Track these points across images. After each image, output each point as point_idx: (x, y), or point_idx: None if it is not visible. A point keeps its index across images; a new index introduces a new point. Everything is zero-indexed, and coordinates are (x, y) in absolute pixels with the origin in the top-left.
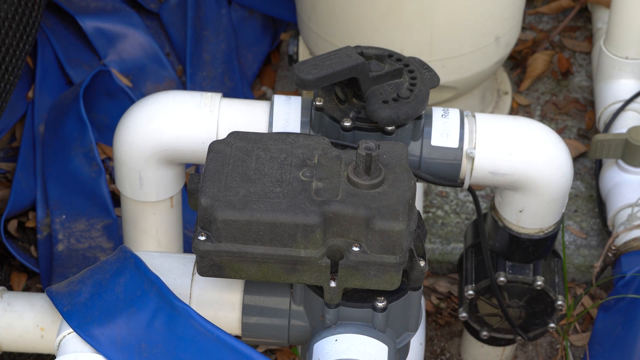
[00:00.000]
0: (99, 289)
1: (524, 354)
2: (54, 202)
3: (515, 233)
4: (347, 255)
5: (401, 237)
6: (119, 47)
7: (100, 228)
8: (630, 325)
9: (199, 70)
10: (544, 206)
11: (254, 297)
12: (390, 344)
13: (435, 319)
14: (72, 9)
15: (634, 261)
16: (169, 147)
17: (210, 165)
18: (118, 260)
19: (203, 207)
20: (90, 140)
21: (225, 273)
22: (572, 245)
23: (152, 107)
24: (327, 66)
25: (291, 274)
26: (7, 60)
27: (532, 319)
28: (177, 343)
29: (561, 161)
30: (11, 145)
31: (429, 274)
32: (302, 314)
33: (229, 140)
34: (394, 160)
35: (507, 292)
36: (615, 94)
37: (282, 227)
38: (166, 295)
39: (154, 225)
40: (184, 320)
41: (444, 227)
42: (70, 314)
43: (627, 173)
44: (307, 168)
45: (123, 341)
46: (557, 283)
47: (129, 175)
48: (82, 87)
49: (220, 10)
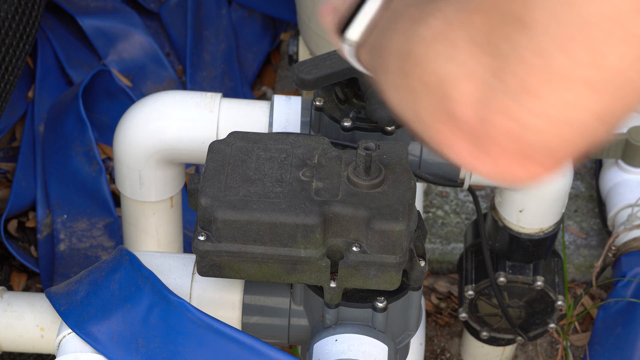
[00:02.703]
0: (94, 287)
1: (524, 354)
2: (55, 202)
3: (515, 233)
4: (347, 255)
5: (401, 237)
6: (119, 47)
7: (101, 227)
8: (630, 325)
9: (199, 70)
10: (544, 206)
11: (254, 297)
12: (390, 344)
13: (435, 319)
14: (72, 8)
15: (634, 261)
16: (168, 147)
17: (210, 165)
18: (114, 259)
19: (203, 207)
20: (90, 140)
21: (225, 273)
22: (572, 245)
23: (152, 107)
24: (327, 66)
25: (291, 274)
26: (7, 60)
27: (532, 319)
28: (175, 336)
29: None
30: (11, 145)
31: (429, 274)
32: (302, 314)
33: (229, 140)
34: (394, 160)
35: (507, 292)
36: None
37: (282, 227)
38: (160, 290)
39: (154, 225)
40: (180, 313)
41: (444, 227)
42: (67, 313)
43: (627, 173)
44: (307, 168)
45: (120, 337)
46: (557, 283)
47: (129, 175)
48: (81, 87)
49: (220, 10)
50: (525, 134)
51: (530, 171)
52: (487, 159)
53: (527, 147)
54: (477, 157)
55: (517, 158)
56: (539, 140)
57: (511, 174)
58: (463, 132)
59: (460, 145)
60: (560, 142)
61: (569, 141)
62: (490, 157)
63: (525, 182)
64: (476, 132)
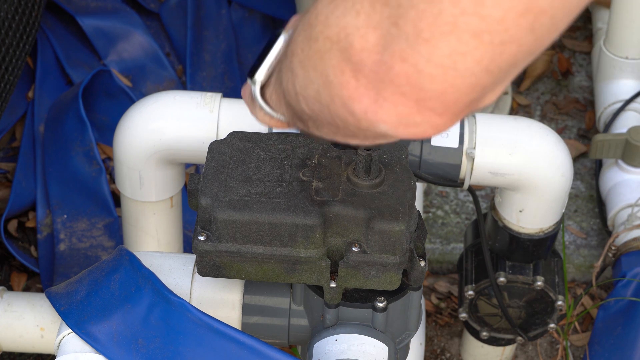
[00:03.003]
0: (94, 287)
1: (524, 354)
2: (55, 202)
3: (515, 233)
4: (347, 255)
5: (401, 237)
6: (119, 47)
7: (101, 227)
8: (631, 325)
9: (199, 70)
10: (544, 206)
11: (254, 297)
12: (390, 344)
13: (435, 319)
14: (72, 8)
15: (634, 261)
16: (169, 147)
17: (210, 165)
18: (114, 259)
19: (203, 207)
20: (90, 140)
21: (225, 273)
22: (572, 245)
23: (152, 107)
24: None
25: (291, 274)
26: (7, 60)
27: (532, 319)
28: (175, 336)
29: (561, 161)
30: (11, 145)
31: (429, 274)
32: (302, 314)
33: (229, 140)
34: (394, 160)
35: (507, 292)
36: (615, 94)
37: (282, 227)
38: (160, 290)
39: (154, 225)
40: (180, 314)
41: (444, 227)
42: (67, 313)
43: (627, 173)
44: (307, 168)
45: (120, 337)
46: (557, 283)
47: (129, 175)
48: (81, 87)
49: (220, 10)
50: (420, 80)
51: (427, 119)
52: (389, 107)
53: (423, 93)
54: (381, 105)
55: (416, 105)
56: (432, 87)
57: (411, 121)
58: (367, 80)
59: (365, 94)
60: (450, 89)
61: (459, 89)
62: (392, 103)
63: (424, 132)
64: (379, 77)
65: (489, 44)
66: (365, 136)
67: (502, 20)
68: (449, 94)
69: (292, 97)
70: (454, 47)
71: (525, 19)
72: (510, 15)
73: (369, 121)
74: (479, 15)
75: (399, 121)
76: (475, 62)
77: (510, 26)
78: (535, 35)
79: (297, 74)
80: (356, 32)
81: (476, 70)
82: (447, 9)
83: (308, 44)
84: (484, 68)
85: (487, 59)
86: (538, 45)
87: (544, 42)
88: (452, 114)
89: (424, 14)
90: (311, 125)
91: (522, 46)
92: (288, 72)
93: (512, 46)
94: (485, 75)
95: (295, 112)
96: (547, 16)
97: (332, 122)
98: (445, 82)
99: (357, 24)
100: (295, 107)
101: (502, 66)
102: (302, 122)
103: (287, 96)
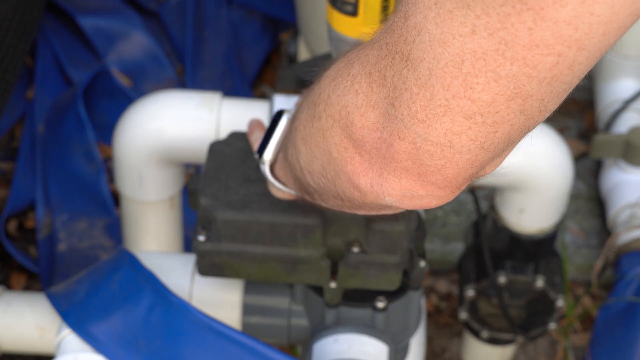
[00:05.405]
0: (95, 287)
1: (524, 354)
2: (55, 202)
3: (515, 233)
4: (347, 255)
5: (401, 237)
6: (119, 47)
7: (101, 227)
8: (631, 325)
9: (199, 70)
10: (544, 206)
11: (254, 297)
12: (390, 344)
13: (435, 319)
14: (72, 8)
15: (635, 261)
16: (168, 146)
17: (210, 165)
18: (114, 259)
19: (203, 207)
20: (90, 140)
21: (225, 273)
22: (572, 245)
23: (151, 107)
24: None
25: (291, 274)
26: (6, 60)
27: (532, 319)
28: (175, 337)
29: (561, 161)
30: (11, 145)
31: (429, 274)
32: (302, 314)
33: (229, 140)
34: None
35: (507, 292)
36: (616, 94)
37: (282, 227)
38: (161, 291)
39: (154, 225)
40: (180, 314)
41: (444, 227)
42: (67, 313)
43: (627, 173)
44: None
45: (120, 337)
46: (557, 283)
47: (129, 175)
48: (81, 87)
49: (220, 11)
50: (420, 156)
51: (431, 192)
52: (393, 180)
53: (424, 167)
54: (385, 178)
55: (418, 179)
56: (432, 162)
57: (415, 194)
58: (370, 155)
59: (369, 169)
60: (449, 164)
61: (457, 164)
62: (396, 177)
63: (429, 203)
64: (381, 153)
65: (481, 124)
66: (370, 208)
67: (492, 103)
68: (449, 169)
69: (297, 171)
70: (448, 127)
71: (515, 102)
72: (499, 99)
73: (375, 194)
74: (469, 98)
75: (404, 194)
76: (470, 140)
77: (501, 109)
78: (526, 116)
79: (300, 149)
80: (356, 110)
81: (472, 147)
82: (439, 92)
83: (311, 122)
84: (478, 146)
85: (482, 137)
86: (531, 124)
87: (536, 121)
88: (453, 187)
89: (417, 97)
90: (317, 198)
91: (514, 125)
92: (292, 147)
93: (505, 126)
94: (481, 152)
95: (302, 185)
96: (535, 100)
97: (337, 195)
98: (443, 158)
99: (357, 102)
100: (302, 181)
101: (497, 144)
102: (309, 194)
103: (293, 170)
